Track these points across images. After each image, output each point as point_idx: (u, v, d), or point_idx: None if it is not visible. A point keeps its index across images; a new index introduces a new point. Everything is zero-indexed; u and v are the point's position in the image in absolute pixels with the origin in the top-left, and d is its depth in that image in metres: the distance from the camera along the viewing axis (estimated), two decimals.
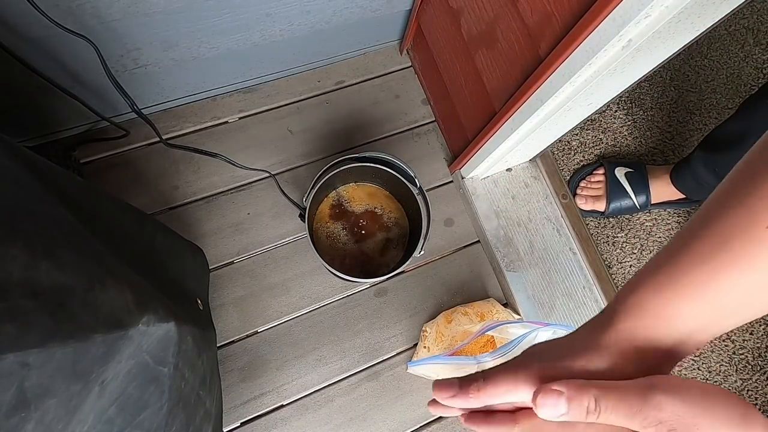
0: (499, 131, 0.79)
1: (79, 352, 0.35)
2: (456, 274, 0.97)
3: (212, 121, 0.99)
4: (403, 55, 1.09)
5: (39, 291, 0.34)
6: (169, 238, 0.68)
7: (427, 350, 0.88)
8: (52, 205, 0.41)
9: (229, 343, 0.88)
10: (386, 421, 0.88)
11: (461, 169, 0.98)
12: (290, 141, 1.00)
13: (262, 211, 0.95)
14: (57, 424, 0.34)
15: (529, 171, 1.03)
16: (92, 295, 0.38)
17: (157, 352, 0.44)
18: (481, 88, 0.81)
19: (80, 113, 0.83)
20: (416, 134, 1.05)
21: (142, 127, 0.90)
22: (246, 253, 0.93)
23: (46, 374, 0.33)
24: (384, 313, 0.93)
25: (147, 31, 0.75)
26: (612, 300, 0.28)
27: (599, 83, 0.64)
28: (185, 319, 0.48)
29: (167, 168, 0.95)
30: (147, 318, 0.42)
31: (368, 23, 0.96)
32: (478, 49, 0.78)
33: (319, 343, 0.90)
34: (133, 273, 0.46)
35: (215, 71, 0.93)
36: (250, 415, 0.85)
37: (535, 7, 0.62)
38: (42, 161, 0.46)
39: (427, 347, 0.88)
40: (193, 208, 0.94)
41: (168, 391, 0.46)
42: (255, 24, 0.83)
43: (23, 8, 0.60)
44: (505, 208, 1.00)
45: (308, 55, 1.00)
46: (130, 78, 0.83)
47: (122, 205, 0.58)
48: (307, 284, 0.93)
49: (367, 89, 1.06)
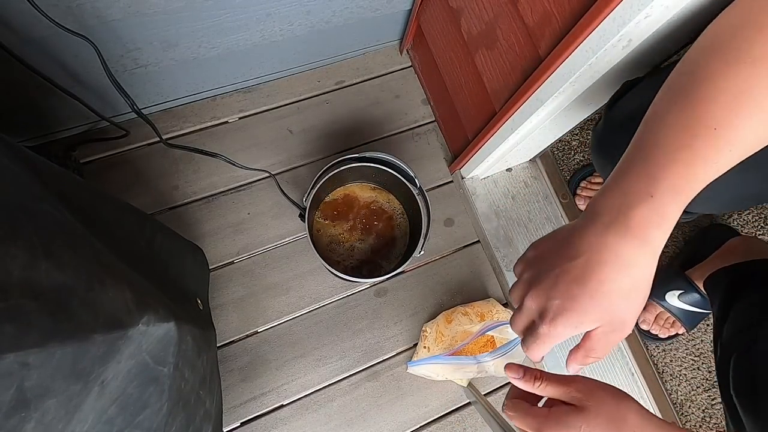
0: (499, 131, 0.79)
1: (79, 352, 0.35)
2: (456, 274, 0.97)
3: (212, 121, 0.99)
4: (403, 55, 1.09)
5: (39, 291, 0.34)
6: (169, 238, 0.68)
7: (427, 350, 0.88)
8: (52, 205, 0.41)
9: (229, 343, 0.88)
10: (386, 421, 0.88)
11: (461, 169, 0.98)
12: (290, 141, 1.00)
13: (262, 211, 0.95)
14: (57, 424, 0.34)
15: (529, 171, 1.03)
16: (92, 295, 0.38)
17: (157, 352, 0.44)
18: (481, 88, 0.81)
19: (80, 113, 0.83)
20: (416, 134, 1.05)
21: (142, 127, 0.90)
22: (246, 253, 0.93)
23: (46, 374, 0.33)
24: (384, 313, 0.93)
25: (147, 31, 0.75)
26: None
27: (600, 83, 0.64)
28: (185, 318, 0.48)
29: (167, 168, 0.95)
30: (147, 318, 0.42)
31: (368, 23, 0.96)
32: (478, 49, 0.78)
33: (319, 343, 0.90)
34: (132, 273, 0.46)
35: (215, 71, 0.93)
36: (250, 415, 0.85)
37: (535, 7, 0.62)
38: (42, 161, 0.46)
39: (427, 347, 0.88)
40: (193, 208, 0.94)
41: (168, 391, 0.46)
42: (255, 24, 0.83)
43: (23, 8, 0.60)
44: (505, 208, 1.00)
45: (308, 55, 1.00)
46: (130, 78, 0.83)
47: (122, 205, 0.58)
48: (307, 284, 0.93)
49: (367, 89, 1.06)
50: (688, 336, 0.98)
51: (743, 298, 0.72)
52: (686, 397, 0.95)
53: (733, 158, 0.34)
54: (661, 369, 0.96)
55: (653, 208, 0.34)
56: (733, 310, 0.72)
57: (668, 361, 0.97)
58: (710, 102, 0.34)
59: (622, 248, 0.34)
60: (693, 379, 0.96)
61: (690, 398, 0.95)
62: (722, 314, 0.73)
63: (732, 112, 0.33)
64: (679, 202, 0.34)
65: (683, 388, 0.96)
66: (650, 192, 0.34)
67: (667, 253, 1.01)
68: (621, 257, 0.34)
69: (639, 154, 0.36)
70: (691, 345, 0.98)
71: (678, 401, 0.95)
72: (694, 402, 0.95)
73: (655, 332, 0.95)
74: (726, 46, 0.35)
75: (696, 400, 0.95)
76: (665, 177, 0.34)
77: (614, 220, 0.35)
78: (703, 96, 0.34)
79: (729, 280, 0.79)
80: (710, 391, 0.96)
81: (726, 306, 0.74)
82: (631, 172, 0.36)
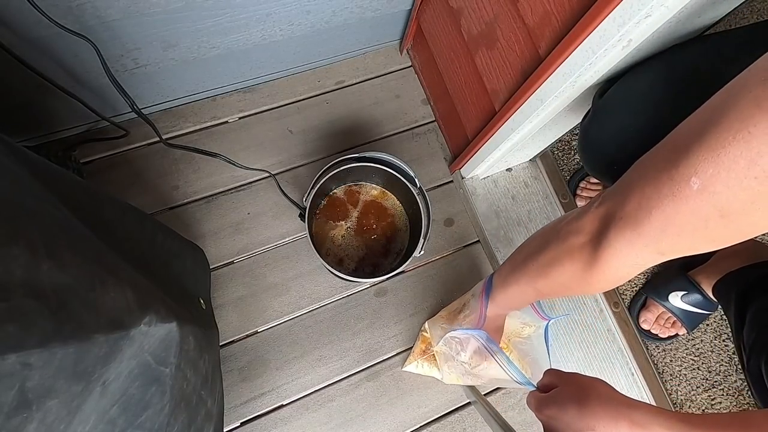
0: (499, 131, 0.79)
1: (81, 353, 0.35)
2: (456, 274, 0.97)
3: (212, 121, 0.99)
4: (403, 55, 1.09)
5: (40, 291, 0.34)
6: (170, 238, 0.68)
7: (422, 353, 0.88)
8: (53, 205, 0.41)
9: (229, 343, 0.88)
10: (386, 421, 0.88)
11: (461, 169, 0.98)
12: (290, 141, 1.00)
13: (262, 211, 0.95)
14: (59, 425, 0.34)
15: (529, 171, 1.03)
16: (94, 295, 0.38)
17: (158, 353, 0.44)
18: (481, 88, 0.81)
19: (80, 113, 0.83)
20: (416, 134, 1.05)
21: (142, 127, 0.90)
22: (246, 253, 0.93)
23: (48, 375, 0.33)
24: (384, 313, 0.93)
25: (147, 31, 0.75)
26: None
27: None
28: (187, 318, 0.48)
29: (167, 168, 0.95)
30: (149, 318, 0.42)
31: (368, 23, 0.96)
32: (478, 49, 0.78)
33: (319, 343, 0.90)
34: (134, 273, 0.46)
35: (215, 71, 0.93)
36: (250, 415, 0.85)
37: (535, 7, 0.62)
38: (42, 161, 0.46)
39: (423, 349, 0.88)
40: (193, 208, 0.94)
41: (170, 392, 0.46)
42: (255, 24, 0.83)
43: (23, 8, 0.60)
44: (505, 208, 1.00)
45: (308, 55, 1.00)
46: (130, 78, 0.83)
47: (122, 205, 0.58)
48: (307, 284, 0.93)
49: (367, 89, 1.06)
50: (688, 336, 0.98)
51: (755, 302, 0.74)
52: (686, 397, 0.95)
53: None
54: (661, 369, 0.97)
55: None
56: (749, 315, 0.74)
57: (668, 361, 0.97)
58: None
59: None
60: (693, 379, 0.96)
61: (690, 398, 0.95)
62: (739, 321, 0.76)
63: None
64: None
65: (683, 388, 0.96)
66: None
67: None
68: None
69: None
70: (691, 345, 0.98)
71: (678, 401, 0.95)
72: (694, 402, 0.95)
73: (655, 332, 0.95)
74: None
75: (696, 400, 0.95)
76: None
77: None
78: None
79: (738, 287, 0.80)
80: (710, 391, 0.96)
81: (740, 313, 0.76)
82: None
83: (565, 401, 0.45)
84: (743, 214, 0.32)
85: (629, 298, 1.00)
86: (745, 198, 0.31)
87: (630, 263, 0.41)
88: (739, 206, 0.32)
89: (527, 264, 0.54)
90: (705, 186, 0.33)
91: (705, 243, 0.36)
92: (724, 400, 0.96)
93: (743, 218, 0.33)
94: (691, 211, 0.34)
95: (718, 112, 0.32)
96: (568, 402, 0.45)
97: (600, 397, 0.43)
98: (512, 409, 0.91)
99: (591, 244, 0.44)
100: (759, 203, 0.31)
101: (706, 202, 0.33)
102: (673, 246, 0.37)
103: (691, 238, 0.36)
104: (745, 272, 0.81)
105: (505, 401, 0.91)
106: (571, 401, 0.45)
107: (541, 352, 0.80)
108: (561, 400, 0.46)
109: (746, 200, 0.31)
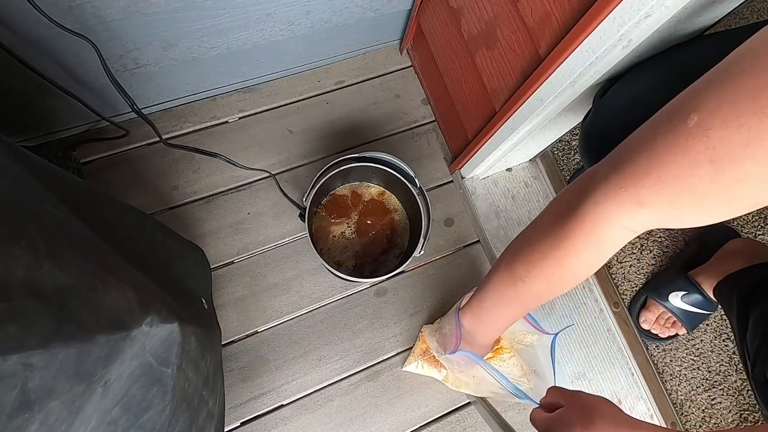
0: (499, 131, 0.79)
1: (82, 353, 0.35)
2: (456, 274, 0.97)
3: (212, 121, 0.99)
4: (403, 55, 1.09)
5: (42, 292, 0.34)
6: (170, 238, 0.68)
7: (422, 353, 0.88)
8: (53, 205, 0.41)
9: (229, 343, 0.88)
10: (386, 421, 0.88)
11: (461, 169, 0.98)
12: (290, 141, 1.00)
13: (262, 211, 0.95)
14: (60, 425, 0.34)
15: (529, 171, 1.03)
16: (95, 296, 0.38)
17: (160, 353, 0.44)
18: (481, 88, 0.81)
19: (80, 113, 0.83)
20: (416, 134, 1.05)
21: (142, 127, 0.90)
22: (246, 252, 0.93)
23: (49, 375, 0.33)
24: (384, 313, 0.93)
25: (147, 31, 0.75)
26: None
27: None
28: (188, 319, 0.48)
29: (167, 168, 0.95)
30: (150, 318, 0.42)
31: (368, 23, 0.96)
32: (478, 49, 0.78)
33: (319, 343, 0.90)
34: (135, 273, 0.46)
35: (215, 71, 0.93)
36: (250, 415, 0.85)
37: (535, 7, 0.62)
38: (42, 162, 0.46)
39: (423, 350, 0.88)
40: (193, 208, 0.94)
41: (171, 392, 0.46)
42: (255, 24, 0.83)
43: (23, 8, 0.60)
44: (505, 208, 1.00)
45: (308, 55, 1.00)
46: (130, 78, 0.83)
47: (122, 205, 0.58)
48: (307, 284, 0.93)
49: (367, 89, 1.06)
50: (688, 336, 0.98)
51: (758, 306, 0.74)
52: (686, 397, 0.95)
53: None
54: (661, 369, 0.97)
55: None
56: (752, 320, 0.73)
57: (668, 361, 0.97)
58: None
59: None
60: (693, 379, 0.96)
61: (690, 398, 0.95)
62: (742, 326, 0.76)
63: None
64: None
65: (683, 388, 0.96)
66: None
67: (667, 253, 1.02)
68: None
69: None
70: (691, 345, 0.98)
71: (678, 401, 0.95)
72: (694, 402, 0.95)
73: (655, 332, 0.95)
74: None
75: (696, 400, 0.95)
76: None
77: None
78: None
79: (740, 289, 0.80)
80: (710, 391, 0.96)
81: (743, 317, 0.76)
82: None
83: (570, 423, 0.46)
84: (733, 162, 0.31)
85: (629, 298, 1.00)
86: (740, 140, 0.30)
87: (611, 213, 0.40)
88: (732, 151, 0.31)
89: (529, 256, 0.54)
90: (702, 121, 0.32)
91: (687, 198, 0.34)
92: (724, 400, 0.96)
93: (732, 168, 0.31)
94: (681, 150, 0.33)
95: (723, 69, 0.33)
96: (573, 423, 0.45)
97: (605, 418, 0.44)
98: (512, 409, 0.91)
99: (575, 203, 0.44)
100: (752, 148, 0.30)
101: (698, 141, 0.32)
102: (653, 196, 0.36)
103: (673, 188, 0.34)
104: (747, 274, 0.81)
105: (504, 401, 0.91)
106: (576, 422, 0.45)
107: (546, 366, 0.81)
108: (566, 421, 0.46)
109: (740, 143, 0.30)
